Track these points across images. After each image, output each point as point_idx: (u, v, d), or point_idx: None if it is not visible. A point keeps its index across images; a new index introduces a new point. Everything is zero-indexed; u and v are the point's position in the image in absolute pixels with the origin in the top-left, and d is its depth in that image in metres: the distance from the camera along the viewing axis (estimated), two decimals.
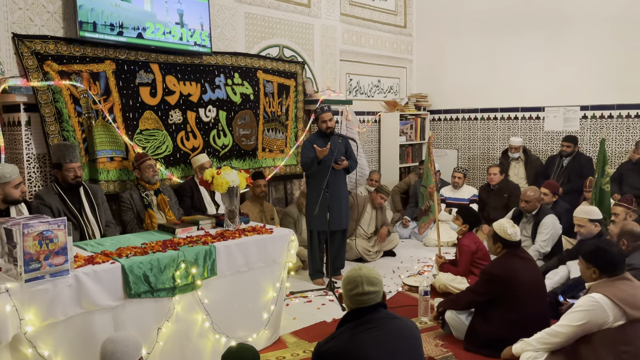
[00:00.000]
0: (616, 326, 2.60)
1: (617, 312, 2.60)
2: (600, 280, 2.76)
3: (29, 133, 4.10)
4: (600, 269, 2.75)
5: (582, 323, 2.69)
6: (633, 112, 6.38)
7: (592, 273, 2.79)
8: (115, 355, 2.18)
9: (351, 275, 2.22)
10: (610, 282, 2.71)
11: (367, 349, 2.07)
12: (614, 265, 2.73)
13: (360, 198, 5.94)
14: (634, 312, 2.60)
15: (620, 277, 2.73)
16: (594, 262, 2.77)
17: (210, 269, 3.23)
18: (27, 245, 2.53)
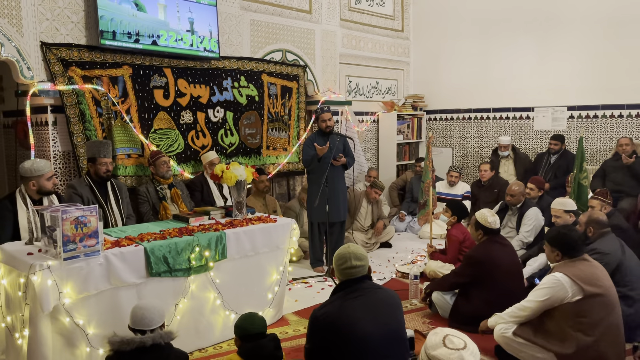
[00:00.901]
0: (574, 301, 2.98)
1: (575, 288, 2.98)
2: (562, 261, 3.14)
3: (55, 132, 4.51)
4: (562, 251, 3.14)
5: (546, 299, 3.08)
6: (616, 112, 6.75)
7: (555, 255, 3.17)
8: (144, 320, 2.57)
9: (341, 252, 2.62)
10: (571, 263, 3.10)
11: (355, 313, 2.46)
12: (573, 248, 3.11)
13: (356, 193, 6.34)
14: (590, 288, 2.98)
15: (579, 258, 3.12)
16: (557, 245, 3.16)
17: (221, 253, 3.64)
18: (66, 229, 2.93)
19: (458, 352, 1.67)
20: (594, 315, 2.98)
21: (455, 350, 1.67)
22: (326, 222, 5.20)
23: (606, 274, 3.16)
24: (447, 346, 1.69)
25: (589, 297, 2.98)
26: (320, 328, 2.51)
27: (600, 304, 2.98)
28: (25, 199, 3.72)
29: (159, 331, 2.47)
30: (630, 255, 3.68)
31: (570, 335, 2.99)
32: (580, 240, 3.16)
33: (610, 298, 3.02)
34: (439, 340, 1.71)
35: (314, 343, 2.55)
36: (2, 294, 3.28)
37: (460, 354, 1.66)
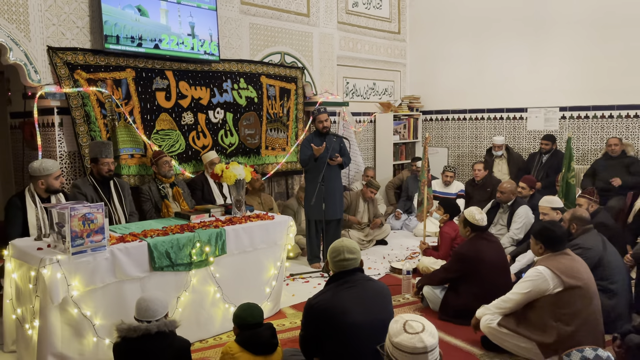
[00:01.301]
0: (555, 292, 3.16)
1: (557, 280, 3.16)
2: (545, 254, 3.32)
3: (61, 133, 4.69)
4: (545, 244, 3.32)
5: (528, 291, 3.25)
6: (607, 113, 6.92)
7: (539, 248, 3.35)
8: (149, 311, 2.73)
9: (335, 245, 2.80)
10: (553, 257, 3.27)
11: (346, 303, 2.64)
12: (556, 243, 3.29)
13: (352, 194, 6.51)
14: (570, 281, 3.15)
15: (561, 252, 3.29)
16: (541, 239, 3.34)
17: (221, 248, 3.81)
18: (74, 225, 3.11)
19: (417, 335, 1.83)
20: (573, 306, 3.16)
21: (415, 334, 1.84)
22: (323, 219, 5.37)
23: (586, 267, 3.34)
24: (407, 331, 1.86)
25: (569, 289, 3.15)
26: (314, 316, 2.69)
27: (579, 295, 3.15)
28: (34, 197, 3.90)
29: (163, 320, 2.64)
30: (611, 250, 3.84)
31: (550, 325, 3.17)
32: (563, 236, 3.34)
33: (589, 290, 3.19)
34: (400, 327, 1.88)
35: (308, 330, 2.73)
36: (12, 287, 3.45)
37: (419, 336, 1.83)
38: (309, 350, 2.79)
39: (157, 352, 2.56)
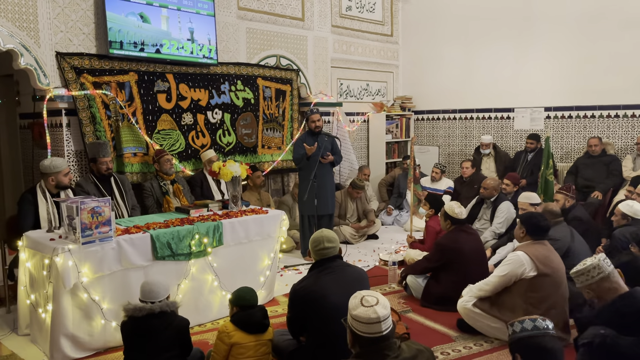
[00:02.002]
0: (529, 277, 3.47)
1: (532, 266, 3.48)
2: (525, 240, 3.63)
3: (69, 133, 4.99)
4: (527, 230, 3.65)
5: (506, 273, 3.57)
6: (589, 113, 7.22)
7: (521, 232, 3.69)
8: (152, 293, 3.02)
9: (316, 236, 3.12)
10: (532, 244, 3.60)
11: (327, 287, 2.95)
12: (537, 230, 3.62)
13: (341, 193, 6.80)
14: (543, 268, 3.47)
15: (540, 241, 3.62)
16: (525, 224, 3.67)
17: (218, 240, 4.12)
18: (83, 217, 3.41)
19: (372, 308, 2.14)
20: (543, 291, 3.47)
21: (370, 307, 2.14)
22: (315, 214, 5.68)
23: (559, 258, 3.66)
24: (364, 305, 2.16)
25: (541, 275, 3.47)
26: (298, 299, 3.00)
27: (549, 282, 3.47)
28: (45, 192, 4.21)
29: (165, 301, 2.95)
30: (579, 241, 4.15)
31: (520, 307, 3.48)
32: (545, 227, 3.65)
33: (558, 279, 3.51)
34: (357, 302, 2.19)
35: (294, 312, 3.05)
36: (26, 275, 3.77)
37: (374, 309, 2.14)
38: (295, 329, 3.11)
39: (161, 329, 2.86)
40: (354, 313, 2.16)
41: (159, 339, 2.84)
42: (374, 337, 2.12)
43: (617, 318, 2.55)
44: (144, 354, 2.83)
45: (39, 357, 3.54)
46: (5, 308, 4.33)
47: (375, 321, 2.11)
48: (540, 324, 2.13)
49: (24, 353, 3.61)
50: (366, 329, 2.12)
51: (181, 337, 2.96)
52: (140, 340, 2.84)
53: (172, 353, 2.88)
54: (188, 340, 3.02)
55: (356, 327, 2.15)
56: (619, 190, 6.34)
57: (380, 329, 2.12)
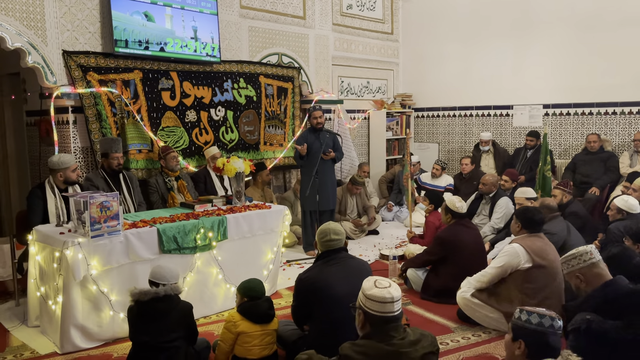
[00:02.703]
0: (525, 268, 3.58)
1: (527, 257, 3.59)
2: (521, 233, 3.74)
3: (75, 130, 5.08)
4: (522, 224, 3.76)
5: (502, 265, 3.68)
6: (587, 110, 7.32)
7: (517, 226, 3.80)
8: (158, 275, 3.07)
9: (323, 228, 3.22)
10: (527, 237, 3.71)
11: (331, 277, 3.05)
12: (532, 224, 3.73)
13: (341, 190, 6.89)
14: (538, 259, 3.58)
15: (535, 234, 3.73)
16: (520, 218, 3.79)
17: (223, 234, 4.22)
18: (92, 211, 3.51)
19: (386, 289, 2.26)
20: (538, 282, 3.57)
21: (384, 288, 2.26)
22: (317, 210, 5.78)
23: (554, 250, 3.77)
24: (378, 286, 2.28)
25: (536, 267, 3.58)
26: (303, 289, 3.10)
27: (544, 274, 3.57)
28: (54, 188, 4.30)
29: (169, 285, 3.05)
30: (575, 235, 4.25)
31: (516, 297, 3.59)
32: (540, 221, 3.77)
33: (553, 270, 3.61)
34: (372, 284, 2.31)
35: (298, 301, 3.15)
36: (36, 269, 3.87)
37: (387, 290, 2.25)
38: (299, 318, 3.21)
39: (165, 312, 2.98)
40: (368, 293, 2.27)
41: (164, 321, 2.96)
42: (387, 317, 2.24)
43: (603, 304, 2.65)
44: (150, 336, 2.94)
45: (49, 347, 3.64)
46: (14, 301, 4.43)
47: (389, 301, 2.23)
48: (556, 324, 2.20)
49: (34, 343, 3.70)
50: (380, 308, 2.23)
51: (186, 320, 3.07)
52: (145, 324, 2.96)
53: (178, 334, 3.00)
54: (193, 323, 3.14)
55: (369, 307, 2.26)
56: (616, 186, 6.44)
57: (393, 308, 2.24)
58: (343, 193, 6.94)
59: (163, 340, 2.93)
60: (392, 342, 2.21)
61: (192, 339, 3.14)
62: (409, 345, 2.22)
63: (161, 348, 2.93)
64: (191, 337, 3.13)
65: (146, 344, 2.94)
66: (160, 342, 2.92)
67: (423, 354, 2.23)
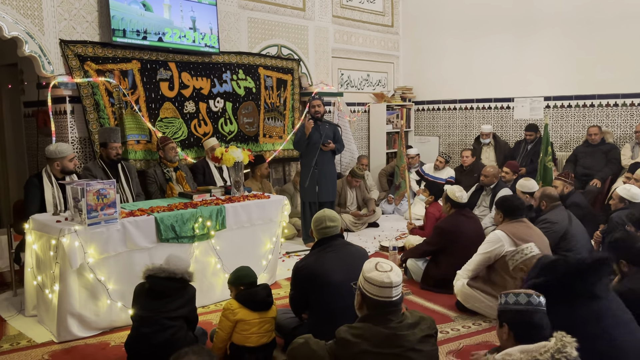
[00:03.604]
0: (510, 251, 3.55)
1: (509, 241, 3.59)
2: (504, 222, 3.71)
3: (73, 120, 5.05)
4: (504, 213, 3.75)
5: (485, 252, 3.69)
6: (588, 102, 7.27)
7: (499, 217, 3.79)
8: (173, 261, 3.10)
9: (318, 215, 3.19)
10: (510, 223, 3.70)
11: (328, 264, 3.02)
12: (512, 211, 3.72)
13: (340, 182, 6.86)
14: (520, 243, 3.57)
15: (518, 220, 3.71)
16: (500, 208, 3.77)
17: (221, 223, 4.19)
18: (89, 199, 3.48)
19: (386, 273, 2.21)
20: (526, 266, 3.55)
21: (384, 272, 2.22)
22: (316, 201, 5.74)
23: (539, 233, 3.76)
24: (378, 270, 2.24)
25: None
26: (300, 276, 3.07)
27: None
28: (51, 177, 4.27)
29: (185, 269, 3.07)
30: (576, 224, 4.21)
31: (509, 283, 3.57)
32: (520, 206, 3.75)
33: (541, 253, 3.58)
34: (372, 266, 2.26)
35: (296, 289, 3.12)
36: (33, 258, 3.84)
37: (387, 274, 2.21)
38: (297, 307, 3.19)
39: (175, 290, 3.02)
40: (367, 275, 2.24)
41: (172, 300, 2.99)
42: (383, 301, 2.20)
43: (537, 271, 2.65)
44: (154, 312, 2.95)
45: (46, 336, 3.62)
46: (12, 291, 4.40)
47: (387, 285, 2.19)
48: (534, 300, 2.18)
49: (31, 332, 3.68)
50: (377, 292, 2.20)
51: (191, 303, 3.10)
52: (153, 300, 2.98)
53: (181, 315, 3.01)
54: (195, 308, 3.15)
55: (367, 289, 2.22)
56: (618, 178, 6.40)
57: (390, 293, 2.19)
58: (343, 186, 6.91)
59: (167, 317, 2.95)
60: (390, 325, 2.17)
61: (193, 324, 3.15)
62: (407, 328, 2.19)
63: (164, 325, 2.94)
64: (192, 321, 3.14)
65: (150, 318, 2.95)
66: (164, 317, 2.94)
67: (421, 336, 2.19)
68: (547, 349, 1.84)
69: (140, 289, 3.06)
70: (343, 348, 2.17)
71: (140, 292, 3.05)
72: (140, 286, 3.07)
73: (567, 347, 1.83)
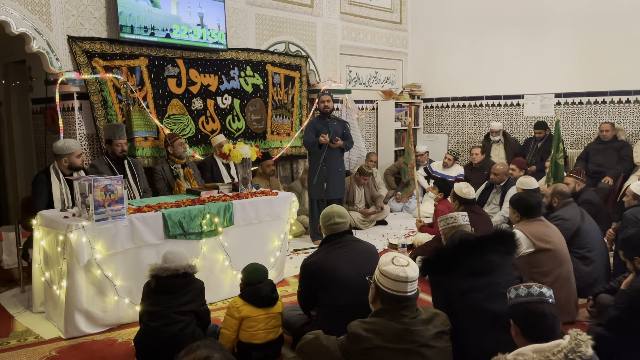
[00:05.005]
0: (528, 253, 3.48)
1: (528, 242, 3.49)
2: (521, 221, 3.64)
3: (80, 117, 5.04)
4: (520, 212, 3.65)
5: None
6: (600, 99, 7.18)
7: (515, 216, 3.69)
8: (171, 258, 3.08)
9: (326, 211, 3.15)
10: (527, 222, 3.60)
11: (337, 260, 2.97)
12: (530, 210, 3.62)
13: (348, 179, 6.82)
14: (540, 243, 3.48)
15: (535, 219, 3.61)
16: (516, 207, 3.67)
17: (229, 220, 4.16)
18: (97, 195, 3.46)
19: (402, 268, 2.17)
20: (544, 266, 3.49)
21: (400, 266, 2.18)
22: (324, 199, 5.70)
23: (559, 234, 3.65)
24: (394, 263, 2.19)
25: (540, 251, 3.49)
26: (309, 273, 3.03)
27: (550, 257, 3.48)
28: (58, 173, 4.26)
29: (187, 263, 3.05)
30: (589, 222, 4.14)
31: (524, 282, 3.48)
32: (537, 205, 3.65)
33: (559, 254, 3.52)
34: (389, 260, 2.22)
35: (304, 286, 3.08)
36: (41, 254, 3.83)
37: (403, 268, 2.17)
38: (306, 303, 3.15)
39: (182, 286, 3.02)
40: (383, 268, 2.19)
41: (180, 296, 2.99)
42: (398, 296, 2.15)
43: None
44: (163, 307, 2.95)
45: (54, 332, 3.61)
46: (20, 288, 4.40)
47: (402, 280, 2.14)
48: (534, 290, 2.12)
49: (39, 329, 3.67)
50: (392, 286, 2.15)
51: (199, 298, 3.11)
52: (161, 296, 2.98)
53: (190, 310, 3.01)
54: (204, 302, 3.16)
55: (382, 283, 2.18)
56: (630, 175, 6.31)
57: (405, 288, 2.15)
58: (351, 183, 6.87)
59: (176, 311, 2.94)
60: (403, 320, 2.13)
61: (205, 319, 3.14)
62: (421, 324, 2.14)
63: (172, 320, 2.93)
64: (204, 316, 3.12)
65: (158, 313, 2.94)
66: (172, 312, 2.93)
67: (435, 332, 2.14)
68: (560, 348, 1.79)
69: (148, 287, 3.06)
70: (355, 343, 2.13)
71: (148, 289, 3.06)
72: (147, 285, 3.07)
73: (581, 346, 1.77)
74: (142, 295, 3.09)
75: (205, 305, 3.18)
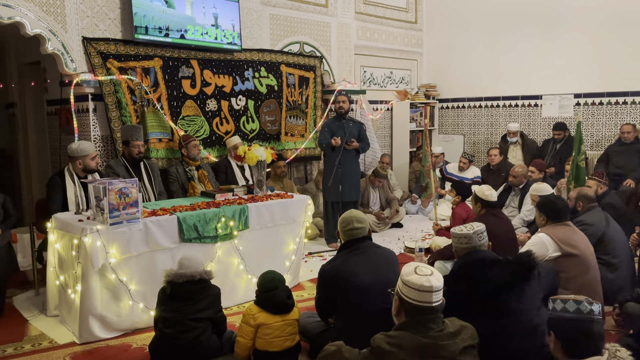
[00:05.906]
0: (554, 257, 3.38)
1: (555, 247, 3.39)
2: (547, 225, 3.54)
3: (95, 118, 5.02)
4: (547, 216, 3.55)
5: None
6: (620, 99, 7.02)
7: (542, 219, 3.59)
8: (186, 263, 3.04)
9: (345, 216, 3.06)
10: (554, 226, 3.50)
11: (356, 267, 2.89)
12: (557, 214, 3.52)
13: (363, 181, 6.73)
14: (566, 248, 3.38)
15: (562, 223, 3.51)
16: (543, 211, 3.57)
17: (244, 223, 4.10)
18: (111, 198, 3.42)
19: (426, 277, 2.08)
20: (570, 271, 3.39)
21: (424, 276, 2.09)
22: (339, 201, 5.63)
23: (585, 239, 3.55)
24: (418, 273, 2.11)
25: (566, 255, 3.39)
26: (327, 279, 2.95)
27: (576, 262, 3.38)
28: (73, 176, 4.23)
29: (203, 269, 3.02)
30: (614, 227, 4.02)
31: None
32: (564, 208, 3.55)
33: (585, 259, 3.41)
34: (411, 270, 2.14)
35: (322, 292, 3.00)
36: (55, 257, 3.79)
37: (427, 278, 2.08)
38: (324, 311, 3.07)
39: (198, 293, 2.97)
40: (406, 279, 2.11)
41: (195, 302, 2.95)
42: (423, 307, 2.06)
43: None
44: (178, 313, 2.91)
45: (68, 337, 3.57)
46: (34, 290, 4.38)
47: (427, 290, 2.05)
48: (584, 307, 2.02)
49: (53, 333, 3.64)
50: (416, 296, 2.07)
51: (215, 304, 3.07)
52: (177, 302, 2.94)
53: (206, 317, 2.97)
54: (220, 309, 3.12)
55: (406, 293, 2.09)
56: None
57: (430, 298, 2.06)
58: (365, 185, 6.78)
59: (192, 318, 2.90)
60: (429, 334, 2.04)
61: (221, 326, 3.10)
62: (448, 338, 2.05)
63: (188, 327, 2.88)
64: (220, 323, 3.08)
65: (173, 319, 2.89)
66: (188, 319, 2.89)
67: (463, 347, 2.05)
68: None
69: (163, 293, 3.01)
70: (378, 357, 2.05)
71: (164, 295, 3.01)
72: (162, 291, 3.02)
73: None
74: (157, 301, 3.04)
75: (222, 311, 3.13)
